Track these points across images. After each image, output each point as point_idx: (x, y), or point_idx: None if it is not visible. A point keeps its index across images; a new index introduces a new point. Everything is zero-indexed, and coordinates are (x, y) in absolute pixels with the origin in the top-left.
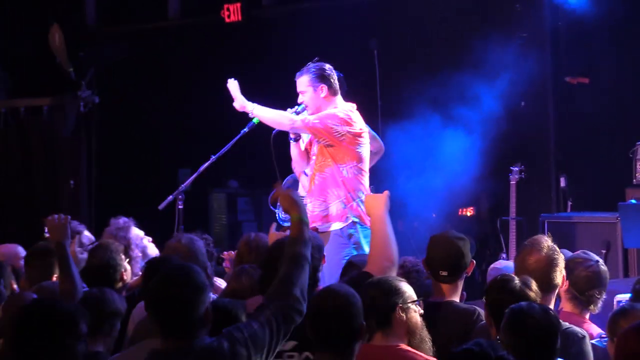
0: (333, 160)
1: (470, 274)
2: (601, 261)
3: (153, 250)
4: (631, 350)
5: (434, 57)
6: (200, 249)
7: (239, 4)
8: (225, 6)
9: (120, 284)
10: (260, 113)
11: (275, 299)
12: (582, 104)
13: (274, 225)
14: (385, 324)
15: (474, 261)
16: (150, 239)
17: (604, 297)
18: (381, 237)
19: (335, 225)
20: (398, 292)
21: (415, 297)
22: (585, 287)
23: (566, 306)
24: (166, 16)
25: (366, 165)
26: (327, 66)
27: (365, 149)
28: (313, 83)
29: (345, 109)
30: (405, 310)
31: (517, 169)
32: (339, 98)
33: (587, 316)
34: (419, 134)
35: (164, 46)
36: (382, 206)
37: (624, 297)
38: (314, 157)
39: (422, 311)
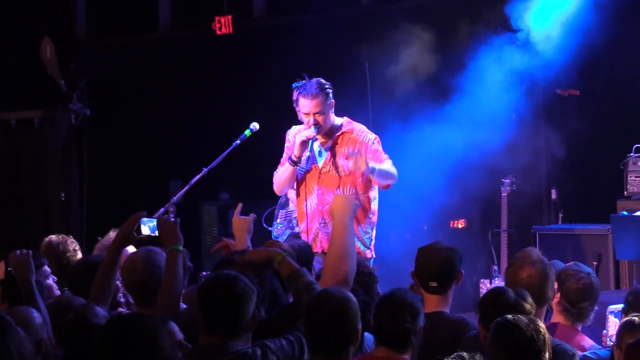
0: (370, 190)
1: (459, 283)
2: (592, 273)
3: None
4: None
5: (425, 69)
6: (155, 261)
7: (230, 17)
8: (217, 18)
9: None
10: (380, 171)
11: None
12: (573, 115)
13: (240, 207)
14: (403, 344)
15: (463, 271)
16: None
17: (596, 308)
18: (339, 248)
19: None
20: (422, 315)
21: None
22: (576, 299)
23: (558, 318)
24: (157, 28)
25: None
26: None
27: None
28: (330, 103)
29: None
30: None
31: (508, 181)
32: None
33: (579, 328)
34: (410, 146)
35: (154, 58)
36: (348, 211)
37: (617, 307)
38: (347, 187)
39: None
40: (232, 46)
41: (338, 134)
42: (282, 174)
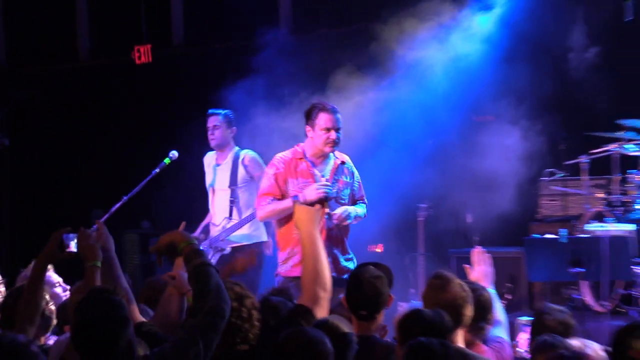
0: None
1: (389, 307)
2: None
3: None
4: None
5: (341, 95)
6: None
7: (149, 46)
8: (136, 47)
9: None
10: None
11: (191, 316)
12: (488, 140)
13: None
14: None
15: (393, 295)
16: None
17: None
18: (313, 259)
19: None
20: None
21: None
22: (483, 313)
23: (466, 337)
24: (76, 57)
25: None
26: None
27: None
28: None
29: None
30: None
31: (424, 205)
32: None
33: (480, 342)
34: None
35: (74, 87)
36: (313, 221)
37: (527, 319)
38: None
39: None
40: (152, 75)
41: (338, 161)
42: (281, 210)
